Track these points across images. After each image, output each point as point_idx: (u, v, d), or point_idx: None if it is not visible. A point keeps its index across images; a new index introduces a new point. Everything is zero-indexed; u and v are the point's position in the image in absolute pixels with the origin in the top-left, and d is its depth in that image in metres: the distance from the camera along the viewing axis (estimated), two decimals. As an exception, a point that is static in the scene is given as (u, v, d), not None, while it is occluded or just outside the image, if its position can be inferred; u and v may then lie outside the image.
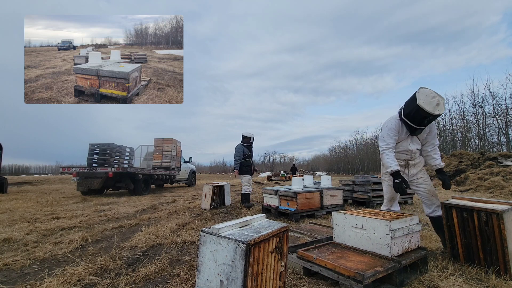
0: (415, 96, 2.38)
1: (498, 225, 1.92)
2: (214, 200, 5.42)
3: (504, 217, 1.90)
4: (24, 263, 2.32)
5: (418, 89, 2.42)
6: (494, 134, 22.12)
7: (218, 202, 5.55)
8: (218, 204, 5.54)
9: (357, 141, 47.45)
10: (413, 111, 2.39)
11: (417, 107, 2.33)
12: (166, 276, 2.03)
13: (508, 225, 1.93)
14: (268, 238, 1.28)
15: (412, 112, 2.40)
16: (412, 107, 2.39)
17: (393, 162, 2.49)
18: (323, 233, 2.87)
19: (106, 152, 9.28)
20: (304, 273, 1.99)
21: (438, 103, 2.29)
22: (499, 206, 2.05)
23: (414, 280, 1.85)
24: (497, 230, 1.93)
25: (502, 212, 1.90)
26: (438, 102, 2.29)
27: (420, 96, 2.34)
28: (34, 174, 50.91)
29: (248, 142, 5.72)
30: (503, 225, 1.89)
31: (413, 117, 2.42)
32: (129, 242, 2.91)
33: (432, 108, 2.28)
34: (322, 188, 4.61)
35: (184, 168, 13.16)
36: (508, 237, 1.90)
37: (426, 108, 2.28)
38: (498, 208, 1.95)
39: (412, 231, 2.02)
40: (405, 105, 2.52)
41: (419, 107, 2.31)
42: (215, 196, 5.44)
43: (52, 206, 6.21)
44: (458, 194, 7.67)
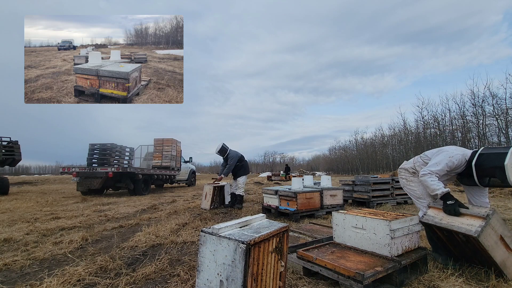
0: (505, 153, 2.01)
1: (479, 245, 1.82)
2: (214, 200, 5.42)
3: (481, 239, 1.77)
4: (24, 263, 2.32)
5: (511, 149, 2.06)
6: (494, 134, 22.12)
7: (218, 202, 5.56)
8: (218, 204, 5.55)
9: (357, 141, 47.42)
10: (491, 166, 2.05)
11: (500, 166, 1.98)
12: (166, 276, 2.03)
13: (488, 242, 1.82)
14: (268, 238, 1.28)
15: (489, 167, 2.06)
16: (494, 161, 2.04)
17: (439, 184, 2.21)
18: (323, 233, 2.87)
19: (106, 152, 9.29)
20: (304, 273, 1.99)
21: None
22: (473, 223, 1.88)
23: (414, 280, 1.85)
24: (479, 247, 1.84)
25: (477, 236, 1.76)
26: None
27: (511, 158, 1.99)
28: (34, 174, 50.89)
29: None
30: (482, 246, 1.80)
31: (483, 170, 2.10)
32: (129, 242, 2.91)
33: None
34: (322, 188, 4.61)
35: (184, 168, 13.16)
36: (493, 251, 1.82)
37: (509, 174, 1.95)
38: (472, 230, 1.82)
39: (412, 231, 2.02)
40: (485, 154, 2.14)
41: (504, 167, 1.96)
42: (215, 196, 5.44)
43: (52, 206, 6.21)
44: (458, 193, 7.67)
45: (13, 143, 9.93)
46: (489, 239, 1.84)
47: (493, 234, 1.88)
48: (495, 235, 1.89)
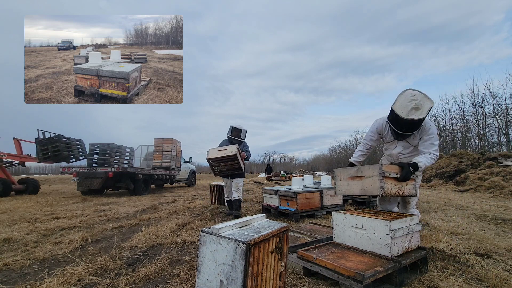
0: (396, 101, 2.20)
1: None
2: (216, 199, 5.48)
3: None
4: (24, 263, 2.32)
5: (402, 91, 2.21)
6: (494, 134, 22.11)
7: (218, 202, 5.57)
8: (218, 203, 5.56)
9: (357, 141, 47.42)
10: (391, 115, 2.24)
11: (393, 112, 2.16)
12: (166, 276, 2.03)
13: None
14: (268, 238, 1.28)
15: (392, 116, 2.23)
16: (391, 112, 2.22)
17: (356, 154, 2.64)
18: (323, 233, 2.87)
19: (106, 152, 9.29)
20: (304, 273, 1.98)
21: (416, 108, 2.05)
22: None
23: (414, 280, 1.85)
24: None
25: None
26: (416, 107, 2.05)
27: (399, 98, 2.15)
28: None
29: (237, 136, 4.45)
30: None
31: (392, 121, 2.26)
32: (129, 242, 2.91)
33: (406, 113, 2.07)
34: (322, 188, 4.61)
35: (184, 168, 13.16)
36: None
37: (398, 112, 2.10)
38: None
39: (412, 231, 2.02)
40: (391, 109, 2.29)
41: (392, 110, 2.14)
42: (215, 196, 5.47)
43: (52, 206, 6.21)
44: (458, 193, 7.66)
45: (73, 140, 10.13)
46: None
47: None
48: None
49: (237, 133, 4.35)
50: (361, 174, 2.10)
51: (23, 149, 9.83)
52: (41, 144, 9.25)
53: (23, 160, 9.90)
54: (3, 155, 9.34)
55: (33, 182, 9.77)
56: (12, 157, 9.64)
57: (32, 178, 10.19)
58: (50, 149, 9.13)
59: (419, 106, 2.05)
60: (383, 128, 2.50)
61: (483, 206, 5.13)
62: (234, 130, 4.36)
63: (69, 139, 9.74)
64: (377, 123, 2.53)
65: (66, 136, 9.73)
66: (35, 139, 9.37)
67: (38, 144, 9.33)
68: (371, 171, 2.02)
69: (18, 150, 9.80)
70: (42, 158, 9.23)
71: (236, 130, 4.36)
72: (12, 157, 9.64)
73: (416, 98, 2.08)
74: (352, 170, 2.15)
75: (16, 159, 9.77)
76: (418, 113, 2.05)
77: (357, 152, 2.64)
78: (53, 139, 9.35)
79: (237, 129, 4.36)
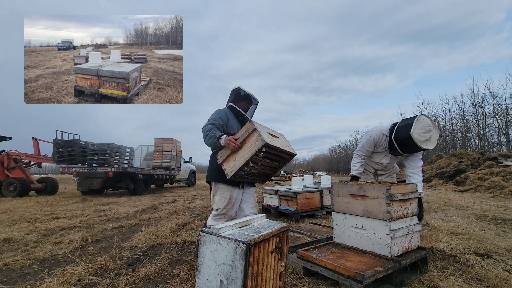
0: (411, 124, 2.32)
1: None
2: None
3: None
4: (24, 263, 2.32)
5: (417, 116, 2.35)
6: (494, 134, 22.15)
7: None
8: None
9: (357, 141, 47.42)
10: (404, 138, 2.35)
11: (408, 137, 2.30)
12: (166, 276, 2.03)
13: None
14: (268, 238, 1.28)
15: (403, 138, 2.37)
16: (404, 133, 2.35)
17: (355, 166, 2.64)
18: (323, 233, 2.87)
19: (106, 152, 9.29)
20: (304, 273, 1.98)
21: (429, 139, 2.28)
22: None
23: (414, 280, 1.85)
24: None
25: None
26: (430, 138, 2.28)
27: (416, 126, 2.30)
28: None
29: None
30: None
31: (400, 142, 2.40)
32: (129, 242, 2.91)
33: (422, 143, 2.27)
34: (322, 188, 4.61)
35: (184, 168, 13.16)
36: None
37: (417, 141, 2.26)
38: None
39: (412, 231, 2.02)
40: (399, 127, 2.45)
41: (411, 137, 2.28)
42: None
43: (52, 206, 6.21)
44: (458, 193, 7.67)
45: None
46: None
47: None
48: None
49: (249, 106, 2.57)
50: (364, 193, 1.99)
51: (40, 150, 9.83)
52: (58, 146, 9.13)
53: (40, 161, 9.90)
54: (21, 155, 9.37)
55: (51, 182, 9.77)
56: (30, 157, 9.69)
57: (51, 178, 10.17)
58: (66, 152, 9.00)
59: (431, 138, 2.30)
60: (379, 140, 2.59)
61: (483, 206, 5.13)
62: (247, 99, 2.50)
63: (85, 143, 9.55)
64: (374, 135, 2.60)
65: (82, 140, 9.59)
66: (53, 139, 9.29)
67: (55, 146, 9.22)
68: (376, 193, 1.91)
69: (36, 150, 9.80)
70: (57, 160, 9.13)
71: (248, 100, 2.51)
72: (30, 157, 9.69)
73: (431, 129, 2.30)
74: (353, 188, 2.07)
75: (33, 159, 9.82)
76: (430, 144, 2.29)
77: (357, 164, 2.65)
78: (70, 142, 9.22)
79: (252, 98, 2.51)
